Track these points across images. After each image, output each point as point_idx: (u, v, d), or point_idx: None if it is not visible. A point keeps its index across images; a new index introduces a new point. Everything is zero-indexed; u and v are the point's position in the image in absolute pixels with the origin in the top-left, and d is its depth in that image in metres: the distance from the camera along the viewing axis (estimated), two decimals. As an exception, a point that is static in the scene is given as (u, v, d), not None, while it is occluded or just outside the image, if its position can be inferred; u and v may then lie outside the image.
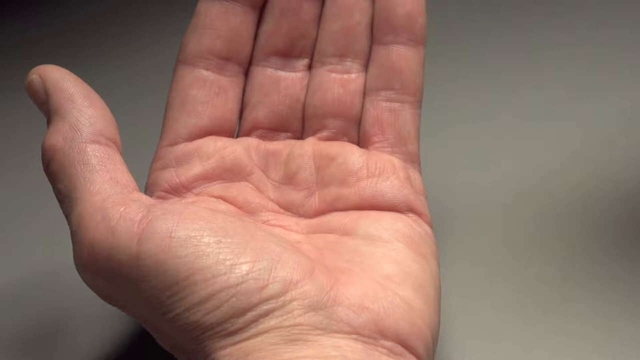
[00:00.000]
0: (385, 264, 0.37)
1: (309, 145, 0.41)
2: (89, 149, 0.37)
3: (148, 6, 0.69)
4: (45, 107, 0.38)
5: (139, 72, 0.62)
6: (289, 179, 0.41)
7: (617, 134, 0.50)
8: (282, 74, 0.43)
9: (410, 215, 0.40)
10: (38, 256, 0.48)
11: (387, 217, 0.39)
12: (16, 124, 0.60)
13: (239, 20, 0.41)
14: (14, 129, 0.59)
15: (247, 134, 0.42)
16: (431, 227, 0.40)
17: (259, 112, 0.42)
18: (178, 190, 0.40)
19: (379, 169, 0.40)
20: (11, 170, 0.55)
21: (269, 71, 0.43)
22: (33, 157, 0.47)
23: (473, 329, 0.41)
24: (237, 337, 0.33)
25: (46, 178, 0.38)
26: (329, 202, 0.40)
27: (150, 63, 0.62)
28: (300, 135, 0.43)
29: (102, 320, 0.43)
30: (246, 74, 0.43)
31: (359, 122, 0.42)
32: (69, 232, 0.37)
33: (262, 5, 0.42)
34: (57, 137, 0.37)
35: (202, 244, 0.34)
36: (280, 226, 0.39)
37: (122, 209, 0.35)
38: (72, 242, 0.35)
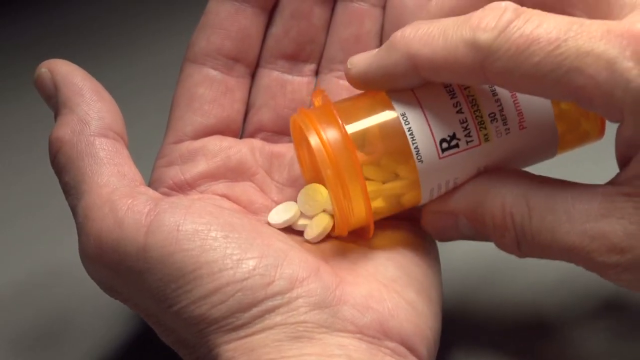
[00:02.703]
0: (389, 267, 0.37)
1: (314, 149, 0.41)
2: (97, 142, 0.37)
3: (149, 6, 0.69)
4: (54, 100, 0.38)
5: (141, 71, 0.62)
6: (293, 182, 0.41)
7: None
8: (288, 77, 0.43)
9: (413, 221, 0.40)
10: (38, 256, 0.48)
11: (391, 223, 0.39)
12: (16, 124, 0.60)
13: (249, 22, 0.42)
14: (14, 129, 0.59)
15: (251, 135, 0.42)
16: (433, 233, 0.40)
17: (263, 115, 0.42)
18: (182, 188, 0.40)
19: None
20: (11, 170, 0.55)
21: (276, 74, 0.43)
22: (33, 157, 0.47)
23: (473, 332, 0.41)
24: (241, 332, 0.33)
25: (46, 178, 0.38)
26: (332, 206, 0.40)
27: (152, 61, 0.62)
28: (304, 139, 0.43)
29: (102, 318, 0.43)
30: (253, 75, 0.43)
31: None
32: (68, 232, 0.37)
33: (272, 8, 0.42)
34: (66, 129, 0.37)
35: (209, 238, 0.33)
36: (284, 228, 0.40)
37: (130, 201, 0.35)
38: (78, 233, 0.35)
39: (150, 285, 0.33)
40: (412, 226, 0.39)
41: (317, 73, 0.43)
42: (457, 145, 0.36)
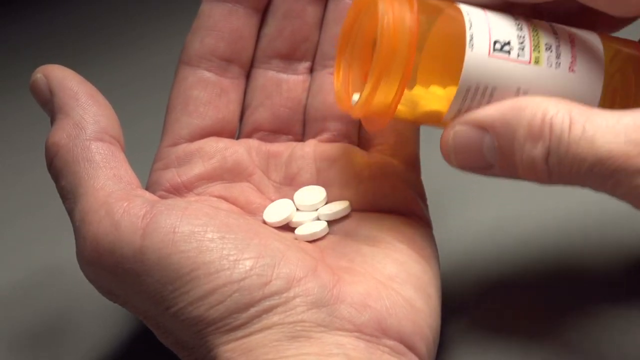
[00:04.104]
0: (387, 264, 0.37)
1: (310, 147, 0.42)
2: (93, 147, 0.37)
3: (148, 6, 0.70)
4: (49, 106, 0.38)
5: (137, 74, 0.62)
6: (290, 180, 0.41)
7: None
8: (283, 76, 0.43)
9: (411, 217, 0.40)
10: (38, 256, 0.49)
11: (389, 219, 0.39)
12: (16, 124, 0.60)
13: (242, 23, 0.42)
14: (14, 129, 0.59)
15: (248, 135, 0.43)
16: (431, 229, 0.40)
17: (260, 114, 0.42)
18: (179, 190, 0.40)
19: (381, 171, 0.40)
20: (11, 170, 0.56)
21: (271, 74, 0.43)
22: (33, 157, 0.47)
23: (473, 329, 0.41)
24: (239, 333, 0.33)
25: (46, 178, 0.38)
26: (329, 204, 0.40)
27: (149, 64, 0.63)
28: (301, 137, 0.43)
29: (102, 318, 0.43)
30: (248, 76, 0.43)
31: (359, 125, 0.42)
32: (68, 232, 0.37)
33: (264, 8, 0.42)
34: (61, 134, 0.37)
35: (205, 239, 0.34)
36: (282, 227, 0.40)
37: (126, 204, 0.35)
38: (76, 237, 0.35)
39: (148, 288, 0.34)
40: (410, 223, 0.39)
41: (311, 70, 0.43)
42: (508, 52, 0.36)
